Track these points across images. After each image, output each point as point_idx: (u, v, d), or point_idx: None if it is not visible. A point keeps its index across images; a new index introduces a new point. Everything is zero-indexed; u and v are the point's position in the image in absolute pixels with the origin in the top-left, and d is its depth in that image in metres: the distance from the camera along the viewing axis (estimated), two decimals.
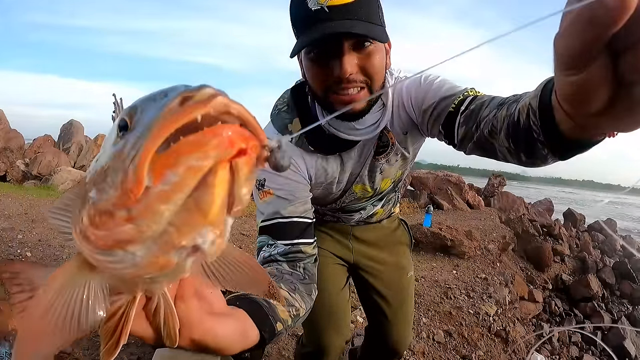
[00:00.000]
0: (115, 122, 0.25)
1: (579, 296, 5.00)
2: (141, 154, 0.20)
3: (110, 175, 0.22)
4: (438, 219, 5.13)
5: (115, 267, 0.24)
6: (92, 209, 0.23)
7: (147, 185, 0.20)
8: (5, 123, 8.38)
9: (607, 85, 0.27)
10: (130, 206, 0.21)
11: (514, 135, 0.53)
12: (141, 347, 1.86)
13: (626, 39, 0.25)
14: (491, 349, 2.34)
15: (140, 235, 0.22)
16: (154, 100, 0.23)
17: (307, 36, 0.70)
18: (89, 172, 0.26)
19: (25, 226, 3.69)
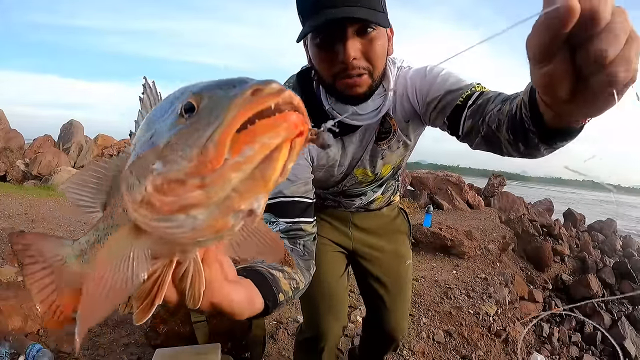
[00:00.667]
0: (164, 105, 0.30)
1: (579, 296, 5.00)
2: (223, 132, 0.24)
3: (181, 150, 0.25)
4: (438, 219, 5.13)
5: (172, 232, 0.28)
6: (159, 178, 0.26)
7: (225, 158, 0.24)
8: (5, 123, 8.38)
9: (569, 76, 0.34)
10: (204, 175, 0.24)
11: (512, 127, 0.58)
12: (141, 347, 1.86)
13: (578, 37, 0.32)
14: (491, 349, 2.34)
15: (208, 200, 0.25)
16: (221, 89, 0.26)
17: (313, 21, 0.73)
18: (139, 149, 0.29)
19: (25, 226, 3.70)
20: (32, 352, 1.59)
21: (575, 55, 0.33)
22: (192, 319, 1.62)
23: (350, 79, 0.78)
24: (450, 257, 3.89)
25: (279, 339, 2.05)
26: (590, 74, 0.33)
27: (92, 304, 0.33)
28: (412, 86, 0.86)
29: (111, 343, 1.90)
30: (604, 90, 0.33)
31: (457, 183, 7.44)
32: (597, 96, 0.34)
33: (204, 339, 1.61)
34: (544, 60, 0.34)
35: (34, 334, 1.87)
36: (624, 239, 9.61)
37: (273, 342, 2.03)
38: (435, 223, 4.32)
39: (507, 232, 5.27)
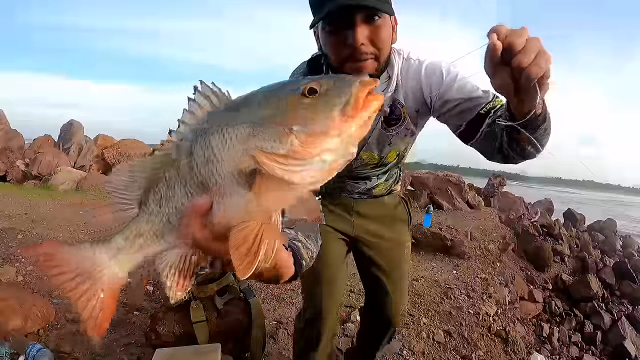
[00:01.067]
0: (272, 94, 0.43)
1: (579, 296, 5.00)
2: (356, 98, 0.39)
3: (319, 113, 0.39)
4: (438, 219, 5.13)
5: (305, 174, 0.39)
6: (302, 134, 0.38)
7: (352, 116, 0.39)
8: (5, 123, 8.37)
9: (509, 80, 0.57)
10: (340, 127, 0.38)
11: (505, 129, 0.74)
12: (141, 347, 1.86)
13: (509, 57, 0.55)
14: (491, 349, 2.34)
15: (339, 144, 0.39)
16: (338, 79, 0.41)
17: (325, 9, 0.82)
18: (258, 125, 0.40)
19: (25, 226, 3.69)
20: (32, 352, 1.59)
21: (509, 64, 0.55)
22: (192, 319, 1.62)
23: (358, 62, 0.86)
24: (450, 257, 3.89)
25: (279, 339, 2.05)
26: (519, 76, 0.55)
27: (241, 263, 0.41)
28: (427, 81, 0.95)
29: (111, 343, 1.90)
30: (529, 84, 0.55)
31: (457, 183, 7.43)
32: (527, 88, 0.57)
33: (204, 339, 1.61)
34: (493, 74, 0.59)
35: (34, 334, 1.87)
36: (624, 239, 9.61)
37: (273, 342, 2.03)
38: (435, 223, 4.32)
39: (507, 232, 5.27)
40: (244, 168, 0.41)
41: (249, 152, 0.40)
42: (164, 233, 0.48)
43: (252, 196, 0.41)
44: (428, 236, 4.06)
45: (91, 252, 0.49)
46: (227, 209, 0.43)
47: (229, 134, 0.42)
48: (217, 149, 0.42)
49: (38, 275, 2.60)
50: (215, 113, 0.45)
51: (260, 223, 0.41)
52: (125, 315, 2.18)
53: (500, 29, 0.55)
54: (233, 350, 1.71)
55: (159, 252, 0.49)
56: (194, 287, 1.68)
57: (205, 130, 0.44)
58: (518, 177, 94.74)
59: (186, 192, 0.45)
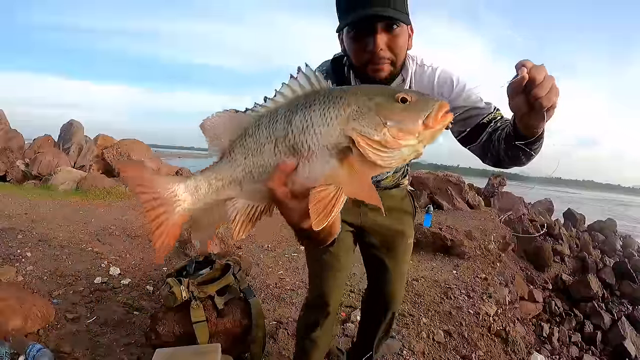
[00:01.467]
0: (387, 98, 0.51)
1: (579, 296, 5.00)
2: (437, 113, 0.50)
3: (408, 117, 0.50)
4: (438, 219, 5.12)
5: (387, 159, 0.50)
6: (394, 129, 0.49)
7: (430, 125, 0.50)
8: (5, 123, 8.37)
9: (524, 103, 0.70)
10: (420, 130, 0.50)
11: (506, 137, 0.89)
12: (141, 347, 1.86)
13: (529, 87, 0.67)
14: (491, 349, 2.34)
15: (415, 144, 0.50)
16: (423, 95, 0.52)
17: (349, 17, 0.93)
18: (365, 116, 0.50)
19: (25, 226, 3.69)
20: (32, 352, 1.59)
21: (527, 94, 0.68)
22: (192, 319, 1.62)
23: (376, 65, 0.97)
24: (450, 257, 3.89)
25: (279, 339, 2.05)
26: (534, 102, 0.68)
27: (317, 216, 0.49)
28: (438, 89, 1.07)
29: (111, 343, 1.90)
30: (540, 110, 0.69)
31: (457, 183, 7.42)
32: (537, 112, 0.71)
33: (204, 339, 1.61)
34: (513, 98, 0.71)
35: (34, 334, 1.87)
36: (624, 239, 9.61)
37: (273, 342, 2.03)
38: (435, 223, 4.32)
39: (507, 232, 5.26)
40: (338, 143, 0.50)
41: (346, 132, 0.50)
42: (243, 182, 0.56)
43: (339, 167, 0.50)
44: (428, 236, 4.06)
45: (173, 183, 0.57)
46: (311, 172, 0.52)
47: (330, 113, 0.51)
48: (316, 123, 0.51)
49: (38, 275, 2.60)
50: (315, 93, 0.53)
51: (338, 188, 0.50)
52: (125, 315, 2.18)
53: (527, 64, 0.67)
54: (233, 350, 1.71)
55: (231, 197, 0.57)
56: (194, 287, 1.68)
57: (306, 105, 0.52)
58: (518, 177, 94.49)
59: (275, 151, 0.53)
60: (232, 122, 0.57)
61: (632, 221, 20.10)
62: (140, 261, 3.09)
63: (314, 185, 0.51)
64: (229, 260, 1.88)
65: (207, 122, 0.57)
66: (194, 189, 0.57)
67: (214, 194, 0.57)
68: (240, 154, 0.56)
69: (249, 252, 3.63)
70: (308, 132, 0.51)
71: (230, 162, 0.57)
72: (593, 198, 56.56)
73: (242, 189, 0.57)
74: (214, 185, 0.57)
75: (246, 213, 0.58)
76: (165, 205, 0.56)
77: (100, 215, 4.50)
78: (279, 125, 0.53)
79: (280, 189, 0.52)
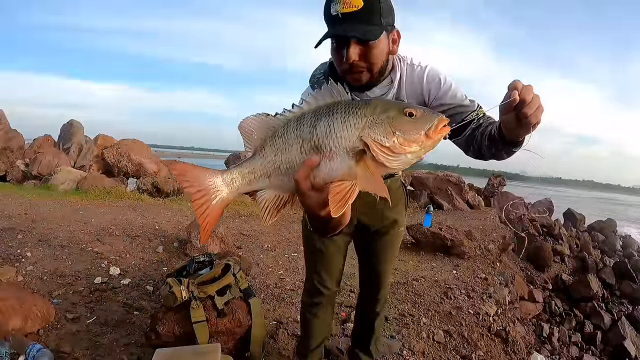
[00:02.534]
0: (395, 113, 0.62)
1: (579, 296, 5.00)
2: (437, 126, 0.61)
3: (413, 129, 0.60)
4: (438, 219, 5.12)
5: (393, 162, 0.60)
6: (401, 137, 0.59)
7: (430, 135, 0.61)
8: (5, 123, 8.37)
9: (514, 120, 0.80)
10: (423, 140, 0.60)
11: (489, 139, 0.98)
12: (141, 347, 1.86)
13: (519, 106, 0.77)
14: (491, 349, 2.34)
15: (418, 150, 0.60)
16: (427, 111, 0.62)
17: (328, 32, 1.01)
18: (380, 127, 0.60)
19: (25, 226, 3.69)
20: (32, 352, 1.59)
21: (518, 112, 0.77)
22: (192, 319, 1.62)
23: (353, 74, 1.07)
24: (450, 257, 3.89)
25: (279, 339, 2.05)
26: (523, 119, 0.78)
27: (335, 205, 0.59)
28: (427, 86, 1.15)
29: (111, 343, 1.90)
30: (528, 125, 0.79)
31: (457, 183, 7.43)
32: (525, 126, 0.80)
33: (204, 339, 1.61)
34: (505, 114, 0.81)
35: (34, 333, 1.87)
36: (624, 239, 9.61)
37: (273, 342, 2.03)
38: (435, 223, 4.31)
39: (507, 232, 5.26)
40: (355, 147, 0.61)
41: (363, 138, 0.60)
42: (272, 175, 0.66)
43: (355, 166, 0.61)
44: (428, 236, 4.06)
45: (214, 176, 0.68)
46: (331, 169, 0.62)
47: (350, 121, 0.61)
48: (337, 128, 0.61)
49: (38, 275, 2.60)
50: (337, 103, 0.63)
51: (353, 183, 0.60)
52: (125, 315, 2.18)
53: (517, 85, 0.76)
54: (233, 350, 1.71)
55: (262, 188, 0.68)
56: (194, 287, 1.68)
57: (330, 113, 0.62)
58: (518, 177, 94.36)
59: (301, 150, 0.63)
60: (263, 124, 0.67)
61: (632, 221, 20.09)
62: (140, 261, 3.09)
63: (332, 180, 0.61)
64: (229, 260, 1.88)
65: (243, 123, 0.68)
66: (230, 181, 0.68)
67: (247, 186, 0.68)
68: (271, 151, 0.66)
69: (249, 252, 3.63)
70: (330, 136, 0.61)
71: (261, 158, 0.67)
72: (593, 198, 56.54)
73: (270, 182, 0.67)
74: (247, 177, 0.68)
75: (273, 202, 0.68)
76: (207, 195, 0.67)
77: (100, 215, 4.50)
78: (305, 128, 0.63)
79: (304, 181, 0.62)
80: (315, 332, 1.57)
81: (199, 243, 3.27)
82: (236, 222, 4.71)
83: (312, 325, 1.56)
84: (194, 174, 0.68)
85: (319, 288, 1.48)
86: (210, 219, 0.68)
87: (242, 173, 0.68)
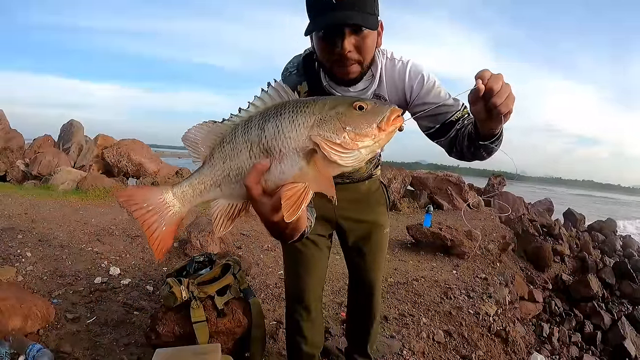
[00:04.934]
0: (350, 108, 0.59)
1: (578, 296, 4.99)
2: (389, 117, 0.58)
3: (364, 123, 0.57)
4: (438, 219, 5.12)
5: (346, 159, 0.57)
6: (352, 133, 0.56)
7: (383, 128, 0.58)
8: (5, 123, 8.38)
9: (484, 109, 0.78)
10: (375, 134, 0.57)
11: (468, 135, 0.97)
12: (141, 347, 1.86)
13: (488, 95, 0.75)
14: (491, 349, 2.34)
15: (372, 145, 0.57)
16: (377, 103, 0.60)
17: (319, 20, 0.94)
18: (328, 124, 0.57)
19: (25, 226, 3.69)
20: (32, 352, 1.59)
21: (487, 101, 0.75)
22: (192, 319, 1.62)
23: (345, 67, 0.99)
24: (450, 257, 3.89)
25: (279, 339, 2.05)
26: (493, 109, 0.76)
27: (288, 210, 0.55)
28: (409, 83, 1.10)
29: (111, 343, 1.90)
30: (498, 115, 0.77)
31: (457, 183, 7.43)
32: (496, 117, 0.78)
33: (204, 339, 1.61)
34: (474, 104, 0.78)
35: (34, 333, 1.87)
36: (624, 239, 9.60)
37: (273, 342, 2.03)
38: (435, 223, 4.32)
39: (507, 232, 5.26)
40: (305, 147, 0.57)
41: (312, 137, 0.57)
42: (222, 184, 0.63)
43: (306, 167, 0.58)
44: (428, 236, 4.06)
45: (164, 192, 0.65)
46: (283, 172, 0.58)
47: (298, 121, 0.58)
48: (286, 129, 0.58)
49: (38, 275, 2.60)
50: (285, 104, 0.60)
51: (306, 185, 0.57)
52: (125, 315, 2.18)
53: (484, 75, 0.74)
54: (233, 350, 1.71)
55: (214, 198, 0.65)
56: (194, 287, 1.68)
57: (277, 114, 0.59)
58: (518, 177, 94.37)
59: (250, 155, 0.60)
60: (210, 131, 0.64)
61: (632, 221, 20.08)
62: (140, 261, 3.09)
63: (284, 183, 0.58)
64: (229, 260, 1.88)
65: (188, 133, 0.65)
66: (181, 194, 0.65)
67: (198, 197, 0.65)
68: (219, 158, 0.63)
69: (249, 252, 3.63)
70: (279, 137, 0.58)
71: (210, 167, 0.64)
72: (593, 198, 56.54)
73: (222, 190, 0.64)
74: (197, 188, 0.65)
75: (226, 211, 0.65)
76: (158, 213, 0.65)
77: (100, 215, 4.50)
78: (253, 132, 0.60)
79: (255, 186, 0.59)
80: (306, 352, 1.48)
81: (199, 243, 3.27)
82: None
83: (301, 349, 1.47)
84: (141, 196, 0.65)
85: (301, 297, 1.40)
86: (164, 237, 0.65)
87: (192, 184, 0.65)
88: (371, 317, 1.55)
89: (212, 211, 0.65)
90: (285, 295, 1.51)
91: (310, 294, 1.40)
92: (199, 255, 2.01)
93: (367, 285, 1.47)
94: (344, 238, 1.43)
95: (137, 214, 0.64)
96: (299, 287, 1.40)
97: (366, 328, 1.58)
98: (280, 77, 1.18)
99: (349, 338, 1.72)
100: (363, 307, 1.54)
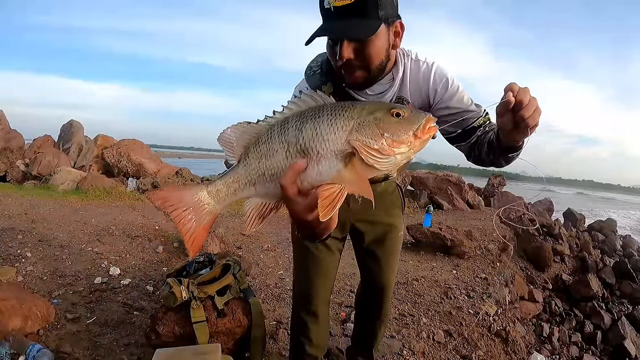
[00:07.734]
0: (383, 114, 0.61)
1: (578, 296, 4.99)
2: (424, 126, 0.60)
3: (401, 130, 0.59)
4: (438, 219, 5.13)
5: (382, 164, 0.59)
6: (389, 139, 0.59)
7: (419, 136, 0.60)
8: (5, 123, 8.37)
9: (511, 122, 0.79)
10: (412, 141, 0.60)
11: (489, 146, 0.99)
12: (141, 347, 1.86)
13: (516, 108, 0.76)
14: (491, 349, 2.34)
15: (407, 151, 0.60)
16: (414, 111, 0.62)
17: (318, 29, 0.94)
18: (367, 130, 0.59)
19: (25, 226, 3.69)
20: (32, 352, 1.59)
21: (514, 114, 0.76)
22: (192, 319, 1.62)
23: (348, 73, 1.00)
24: (450, 257, 3.89)
25: (279, 339, 2.05)
26: (521, 121, 0.77)
27: (324, 209, 0.58)
28: (433, 86, 1.08)
29: (111, 343, 1.90)
30: (525, 128, 0.79)
31: (457, 183, 7.43)
32: (523, 130, 0.80)
33: (204, 339, 1.61)
34: (501, 116, 0.79)
35: (34, 334, 1.87)
36: (624, 239, 9.60)
37: (273, 342, 2.03)
38: (435, 223, 4.32)
39: (507, 232, 5.26)
40: (343, 150, 0.59)
41: (351, 141, 0.59)
42: (257, 183, 0.65)
43: (343, 169, 0.59)
44: (428, 236, 4.06)
45: (199, 192, 0.67)
46: (320, 173, 0.60)
47: (337, 124, 0.60)
48: (324, 131, 0.60)
49: (38, 275, 2.60)
50: (323, 107, 0.62)
51: (342, 187, 0.59)
52: (125, 315, 2.18)
53: (513, 87, 0.75)
54: (233, 350, 1.71)
55: (248, 197, 0.67)
56: (194, 287, 1.68)
57: (316, 116, 0.61)
58: (518, 177, 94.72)
59: (286, 155, 0.62)
60: (245, 132, 0.66)
61: (632, 221, 20.08)
62: (140, 261, 3.09)
63: (320, 184, 0.60)
64: (229, 260, 1.88)
65: (223, 134, 0.67)
66: (216, 192, 0.67)
67: (232, 195, 0.67)
68: (255, 158, 0.65)
69: (249, 252, 3.63)
70: (317, 139, 0.60)
71: (245, 166, 0.66)
72: (593, 198, 56.53)
73: (256, 189, 0.66)
74: (231, 187, 0.67)
75: (258, 210, 0.67)
76: (193, 212, 0.67)
77: (100, 215, 4.50)
78: (290, 132, 0.62)
79: (291, 186, 0.60)
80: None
81: None
82: (236, 222, 4.71)
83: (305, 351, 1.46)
84: (176, 197, 0.67)
85: (309, 299, 1.38)
86: (198, 233, 0.67)
87: (227, 183, 0.67)
88: (380, 320, 1.53)
89: (245, 209, 0.67)
90: (292, 296, 1.49)
91: (319, 298, 1.38)
92: (199, 256, 2.01)
93: (380, 287, 1.45)
94: (359, 240, 1.40)
95: (174, 214, 0.66)
96: (308, 289, 1.38)
97: (374, 330, 1.56)
98: (304, 75, 1.17)
99: (354, 339, 1.71)
100: (373, 310, 1.52)
